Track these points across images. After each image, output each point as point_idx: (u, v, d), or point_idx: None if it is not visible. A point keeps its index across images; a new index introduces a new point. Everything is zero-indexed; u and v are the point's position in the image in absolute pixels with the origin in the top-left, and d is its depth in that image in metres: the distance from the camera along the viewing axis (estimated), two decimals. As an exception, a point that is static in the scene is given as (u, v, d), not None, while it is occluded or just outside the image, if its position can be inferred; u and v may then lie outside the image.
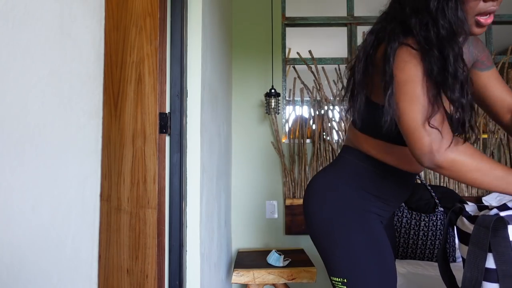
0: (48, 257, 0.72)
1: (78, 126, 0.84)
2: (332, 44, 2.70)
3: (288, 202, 2.18)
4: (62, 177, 0.77)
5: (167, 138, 1.07)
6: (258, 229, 2.23)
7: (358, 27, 2.36)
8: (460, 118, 0.69)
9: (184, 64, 1.11)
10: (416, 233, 1.59)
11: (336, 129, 2.22)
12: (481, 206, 0.77)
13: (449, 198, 1.71)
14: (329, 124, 2.21)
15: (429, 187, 1.69)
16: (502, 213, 0.66)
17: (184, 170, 1.11)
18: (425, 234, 1.59)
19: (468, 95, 0.68)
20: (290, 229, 2.18)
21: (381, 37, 0.77)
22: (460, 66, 0.67)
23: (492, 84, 0.85)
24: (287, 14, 2.35)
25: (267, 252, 1.92)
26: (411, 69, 0.68)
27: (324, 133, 2.21)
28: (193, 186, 1.15)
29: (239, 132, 2.27)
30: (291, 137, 2.26)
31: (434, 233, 1.59)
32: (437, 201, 1.63)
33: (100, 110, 0.96)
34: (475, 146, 2.14)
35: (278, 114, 2.11)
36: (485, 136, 2.18)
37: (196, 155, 1.16)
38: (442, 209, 1.59)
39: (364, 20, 2.35)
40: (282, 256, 1.78)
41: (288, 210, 2.18)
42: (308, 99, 2.26)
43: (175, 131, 1.08)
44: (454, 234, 1.61)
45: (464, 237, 0.74)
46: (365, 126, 0.85)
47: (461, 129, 0.70)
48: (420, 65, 0.68)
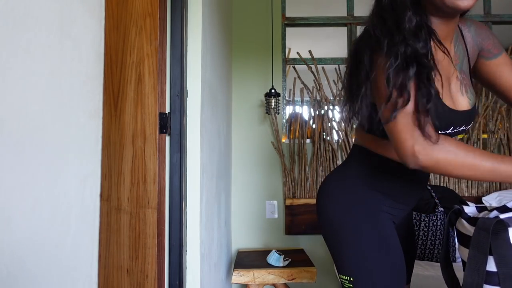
0: (48, 257, 0.72)
1: (78, 126, 0.84)
2: (332, 44, 2.70)
3: (288, 202, 2.18)
4: (62, 177, 0.77)
5: (167, 138, 1.07)
6: (258, 229, 2.23)
7: (358, 27, 2.36)
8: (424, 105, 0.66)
9: (184, 64, 1.11)
10: (416, 233, 1.59)
11: (336, 129, 2.22)
12: (480, 207, 0.77)
13: (449, 198, 1.71)
14: (329, 124, 2.21)
15: (429, 187, 1.69)
16: (502, 216, 0.66)
17: (184, 170, 1.11)
18: (425, 234, 1.59)
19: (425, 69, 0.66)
20: (290, 229, 2.18)
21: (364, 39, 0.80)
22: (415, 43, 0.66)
23: (502, 71, 0.81)
24: (287, 14, 2.35)
25: (267, 252, 1.92)
26: (376, 68, 0.70)
27: (324, 133, 2.21)
28: (193, 186, 1.15)
29: (239, 132, 2.27)
30: (291, 137, 2.26)
31: (434, 233, 1.59)
32: (437, 201, 1.63)
33: (100, 110, 0.96)
34: (475, 146, 2.15)
35: (278, 114, 2.11)
36: (485, 136, 2.18)
37: (196, 155, 1.16)
38: (442, 209, 1.59)
39: (364, 20, 2.35)
40: (282, 256, 1.78)
41: (288, 210, 2.18)
42: (308, 99, 2.26)
43: (175, 131, 1.08)
44: (454, 234, 1.60)
45: (463, 240, 0.74)
46: (370, 127, 0.85)
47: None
48: (382, 61, 0.69)
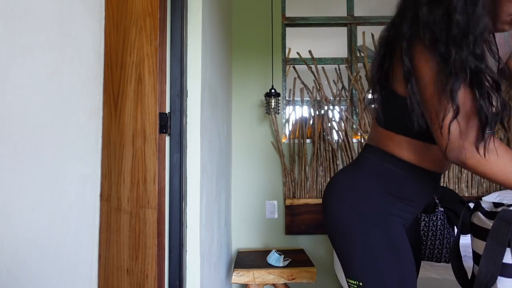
0: (48, 257, 0.72)
1: (78, 126, 0.84)
2: (332, 44, 2.70)
3: (288, 202, 2.18)
4: (62, 177, 0.77)
5: (167, 138, 1.07)
6: (258, 229, 2.23)
7: (358, 27, 2.36)
8: (489, 115, 0.63)
9: (184, 64, 1.11)
10: (420, 234, 1.59)
11: (336, 129, 2.22)
12: (497, 203, 0.77)
13: (449, 198, 1.70)
14: (329, 124, 2.21)
15: (429, 187, 1.68)
16: None
17: (184, 170, 1.11)
18: (425, 234, 1.59)
19: (495, 94, 0.64)
20: (290, 229, 2.18)
21: (396, 32, 0.75)
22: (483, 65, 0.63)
23: None
24: (287, 14, 2.35)
25: (267, 252, 1.93)
26: (427, 64, 0.66)
27: (324, 133, 2.21)
28: (193, 186, 1.15)
29: (239, 132, 2.27)
30: (291, 137, 2.26)
31: (434, 233, 1.59)
32: (437, 201, 1.63)
33: (100, 110, 0.96)
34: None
35: (278, 114, 2.11)
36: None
37: (196, 155, 1.16)
38: (442, 209, 1.59)
39: (364, 20, 2.35)
40: (282, 256, 1.78)
41: (288, 210, 2.18)
42: (308, 99, 2.26)
43: (175, 131, 1.08)
44: (454, 234, 1.60)
45: (479, 232, 0.74)
46: (389, 121, 0.82)
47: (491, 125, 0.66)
48: (435, 60, 0.65)
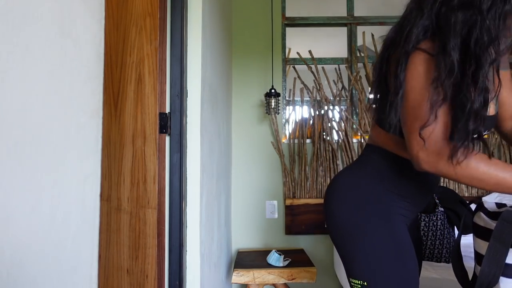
0: (48, 257, 0.72)
1: (78, 126, 0.84)
2: (332, 44, 2.70)
3: (288, 202, 2.18)
4: (62, 177, 0.77)
5: (167, 138, 1.07)
6: (258, 229, 2.23)
7: (358, 27, 2.36)
8: (470, 129, 0.65)
9: (184, 64, 1.11)
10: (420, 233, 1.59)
11: (336, 129, 2.22)
12: (499, 204, 0.77)
13: (449, 198, 1.70)
14: (329, 124, 2.21)
15: (429, 187, 1.68)
16: None
17: (184, 170, 1.11)
18: (425, 234, 1.59)
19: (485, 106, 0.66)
20: (290, 229, 2.18)
21: (400, 38, 0.75)
22: (485, 77, 0.64)
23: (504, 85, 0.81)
24: (287, 14, 2.35)
25: (267, 252, 1.93)
26: (419, 74, 0.68)
27: (324, 133, 2.21)
28: (193, 186, 1.15)
29: (239, 132, 2.27)
30: (291, 137, 2.26)
31: (434, 233, 1.59)
32: (437, 201, 1.63)
33: (100, 110, 0.96)
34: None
35: (278, 114, 2.11)
36: (486, 136, 2.18)
37: (196, 155, 1.16)
38: (442, 209, 1.59)
39: (364, 20, 2.35)
40: (282, 256, 1.78)
41: (288, 210, 2.18)
42: (308, 99, 2.26)
43: (175, 131, 1.08)
44: (454, 234, 1.60)
45: (481, 232, 0.74)
46: (387, 124, 0.82)
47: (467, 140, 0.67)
48: (430, 72, 0.67)
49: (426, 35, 0.69)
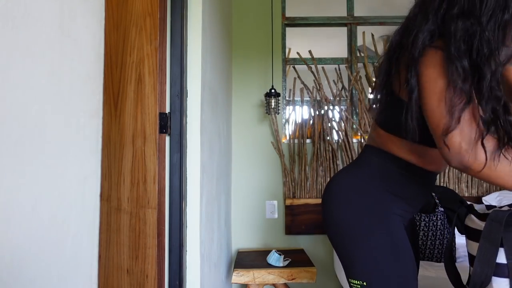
0: (48, 257, 0.72)
1: (78, 126, 0.84)
2: (332, 44, 2.70)
3: (288, 202, 2.18)
4: (62, 177, 0.77)
5: (167, 138, 1.07)
6: (258, 229, 2.23)
7: (358, 27, 2.36)
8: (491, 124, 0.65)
9: (184, 64, 1.11)
10: (416, 233, 1.59)
11: (336, 129, 2.22)
12: (489, 206, 0.78)
13: (449, 198, 1.70)
14: (329, 124, 2.21)
15: (429, 187, 1.68)
16: None
17: (184, 170, 1.11)
18: (425, 234, 1.59)
19: (503, 105, 0.65)
20: (290, 229, 2.18)
21: (406, 40, 0.75)
22: (495, 86, 0.64)
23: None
24: (287, 14, 2.35)
25: (267, 252, 1.93)
26: (435, 73, 0.67)
27: (324, 133, 2.21)
28: (193, 186, 1.15)
29: (239, 132, 2.27)
30: (291, 137, 2.26)
31: (434, 233, 1.59)
32: (437, 201, 1.63)
33: (100, 110, 0.96)
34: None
35: (278, 114, 2.11)
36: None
37: (196, 155, 1.16)
38: (442, 209, 1.59)
39: (364, 20, 2.35)
40: (282, 256, 1.78)
41: (288, 210, 2.18)
42: (308, 99, 2.26)
43: (175, 131, 1.08)
44: (455, 234, 1.61)
45: (473, 234, 0.75)
46: (390, 125, 0.83)
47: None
48: (443, 76, 0.66)
49: (432, 40, 0.69)
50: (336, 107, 2.24)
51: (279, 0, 2.31)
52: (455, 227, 1.06)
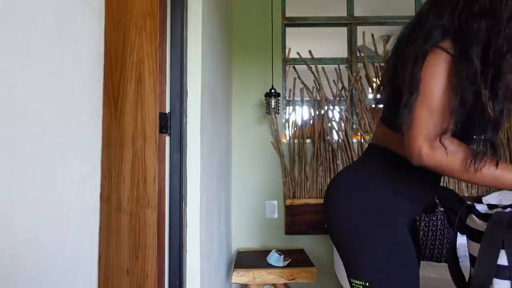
0: (48, 257, 0.72)
1: (78, 126, 0.84)
2: (332, 44, 2.70)
3: (288, 202, 2.18)
4: (62, 177, 0.77)
5: (167, 138, 1.07)
6: (258, 229, 2.23)
7: (358, 27, 2.36)
8: (489, 139, 0.68)
9: (184, 64, 1.11)
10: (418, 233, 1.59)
11: (336, 129, 2.22)
12: (491, 205, 0.77)
13: (449, 198, 1.70)
14: (329, 124, 2.21)
15: (429, 187, 1.68)
16: None
17: (184, 170, 1.11)
18: (425, 234, 1.59)
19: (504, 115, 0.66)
20: (290, 229, 2.18)
21: (415, 35, 0.73)
22: (504, 86, 0.64)
23: None
24: (287, 14, 2.35)
25: (267, 252, 1.92)
26: (438, 75, 0.66)
27: (324, 133, 2.21)
28: (193, 186, 1.15)
29: (239, 132, 2.27)
30: (291, 137, 2.26)
31: (434, 233, 1.59)
32: (437, 201, 1.63)
33: (100, 110, 0.96)
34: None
35: (278, 114, 2.11)
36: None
37: (196, 155, 1.16)
38: (442, 209, 1.59)
39: (364, 20, 2.35)
40: (282, 256, 1.78)
41: (288, 210, 2.18)
42: (308, 99, 2.26)
43: (175, 131, 1.08)
44: (455, 234, 1.60)
45: (474, 235, 0.74)
46: (395, 124, 0.80)
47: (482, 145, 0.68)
48: (450, 75, 0.65)
49: (445, 37, 0.67)
50: (336, 107, 2.24)
51: (279, 0, 2.31)
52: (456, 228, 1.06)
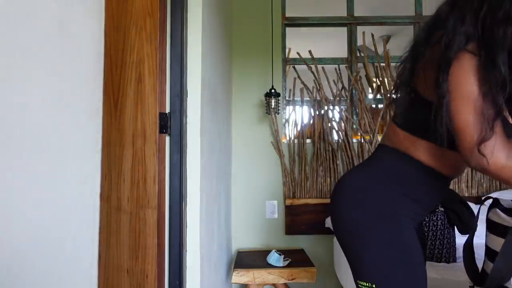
0: (48, 257, 0.72)
1: (78, 126, 0.84)
2: (332, 44, 2.70)
3: (288, 202, 2.18)
4: (62, 177, 0.77)
5: (167, 138, 1.07)
6: (258, 229, 2.23)
7: (358, 27, 2.36)
8: None
9: (184, 64, 1.11)
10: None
11: (336, 129, 2.22)
12: None
13: (449, 198, 1.70)
14: (329, 124, 2.21)
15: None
16: None
17: (184, 170, 1.11)
18: (425, 234, 1.59)
19: None
20: (290, 229, 2.18)
21: (434, 37, 0.71)
22: None
23: None
24: (287, 14, 2.35)
25: (267, 252, 1.92)
26: (469, 83, 0.64)
27: (324, 133, 2.21)
28: (193, 186, 1.15)
29: (239, 132, 2.27)
30: (291, 137, 2.26)
31: (434, 233, 1.59)
32: (437, 201, 1.63)
33: (100, 110, 0.96)
34: None
35: (278, 114, 2.11)
36: None
37: (196, 155, 1.16)
38: (442, 209, 1.59)
39: (364, 20, 2.35)
40: (282, 256, 1.78)
41: (288, 210, 2.18)
42: (308, 99, 2.26)
43: (175, 131, 1.08)
44: (455, 234, 1.61)
45: (497, 229, 0.76)
46: (413, 126, 0.80)
47: None
48: (478, 79, 0.64)
49: (468, 43, 0.65)
50: (336, 107, 2.24)
51: (279, 0, 2.31)
52: (455, 227, 1.06)
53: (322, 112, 2.22)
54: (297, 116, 2.29)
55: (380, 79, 2.26)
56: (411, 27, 2.36)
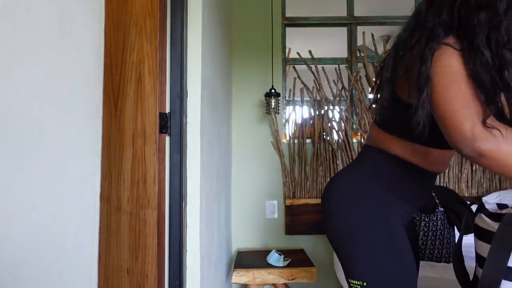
0: (48, 257, 0.72)
1: (78, 126, 0.84)
2: (332, 44, 2.70)
3: (288, 202, 2.18)
4: (62, 177, 0.77)
5: (167, 138, 1.07)
6: (258, 229, 2.23)
7: (358, 27, 2.36)
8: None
9: (184, 64, 1.11)
10: (416, 233, 1.59)
11: (336, 129, 2.22)
12: (501, 204, 0.77)
13: (449, 198, 1.70)
14: (329, 124, 2.21)
15: (429, 187, 1.68)
16: None
17: (184, 170, 1.11)
18: (425, 234, 1.58)
19: None
20: (290, 229, 2.18)
21: (415, 36, 0.72)
22: None
23: None
24: (287, 14, 2.35)
25: (267, 252, 1.92)
26: (453, 72, 0.64)
27: (324, 133, 2.21)
28: (193, 186, 1.15)
29: (239, 132, 2.27)
30: (291, 137, 2.26)
31: (434, 233, 1.59)
32: (437, 201, 1.63)
33: (100, 110, 0.96)
34: None
35: (278, 114, 2.11)
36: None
37: (196, 155, 1.16)
38: (442, 209, 1.59)
39: (364, 20, 2.35)
40: (282, 256, 1.78)
41: (288, 210, 2.18)
42: (308, 99, 2.26)
43: (175, 131, 1.08)
44: (454, 234, 1.61)
45: (483, 234, 0.74)
46: (391, 125, 0.82)
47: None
48: (462, 67, 0.64)
49: (447, 34, 0.67)
50: (336, 107, 2.24)
51: (279, 0, 2.31)
52: (455, 227, 1.06)
53: (322, 112, 2.22)
54: (297, 116, 2.29)
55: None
56: (411, 27, 2.36)
